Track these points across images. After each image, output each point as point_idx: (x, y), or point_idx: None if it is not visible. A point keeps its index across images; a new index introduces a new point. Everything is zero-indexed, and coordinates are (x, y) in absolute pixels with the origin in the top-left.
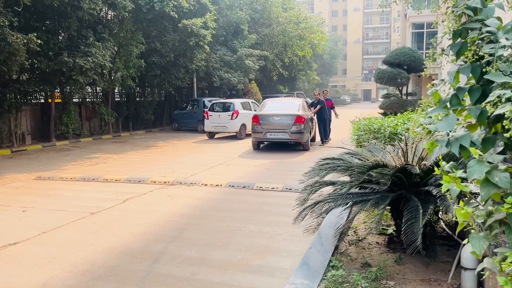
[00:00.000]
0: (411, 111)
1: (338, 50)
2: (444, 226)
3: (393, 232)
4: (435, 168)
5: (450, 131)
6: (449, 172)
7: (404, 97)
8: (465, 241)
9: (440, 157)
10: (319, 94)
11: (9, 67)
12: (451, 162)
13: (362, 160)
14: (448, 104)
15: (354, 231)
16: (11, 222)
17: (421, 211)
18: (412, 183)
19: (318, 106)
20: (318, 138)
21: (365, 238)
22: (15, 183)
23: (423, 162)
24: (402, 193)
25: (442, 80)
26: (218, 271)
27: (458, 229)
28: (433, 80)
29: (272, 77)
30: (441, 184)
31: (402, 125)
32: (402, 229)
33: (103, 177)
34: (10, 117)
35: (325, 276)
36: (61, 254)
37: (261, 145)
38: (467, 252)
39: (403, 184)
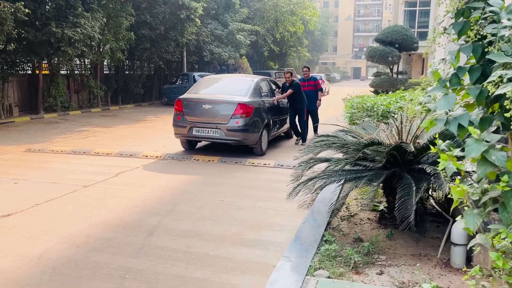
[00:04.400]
0: (403, 90)
1: (329, 26)
2: (434, 204)
3: (384, 209)
4: (431, 147)
5: (448, 111)
6: (445, 151)
7: (394, 75)
8: (458, 218)
9: (437, 136)
10: (291, 75)
11: None
12: (447, 141)
13: (356, 137)
14: (447, 83)
15: (346, 207)
16: (2, 194)
17: (414, 188)
18: (405, 161)
19: (289, 91)
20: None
21: (356, 214)
22: (5, 155)
23: (417, 141)
24: (396, 171)
25: (443, 59)
26: (213, 244)
27: (453, 206)
28: (423, 59)
29: (263, 53)
30: (435, 162)
31: (395, 104)
32: (396, 205)
33: (94, 151)
34: None
35: (319, 250)
36: (56, 226)
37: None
38: (458, 229)
39: (397, 162)
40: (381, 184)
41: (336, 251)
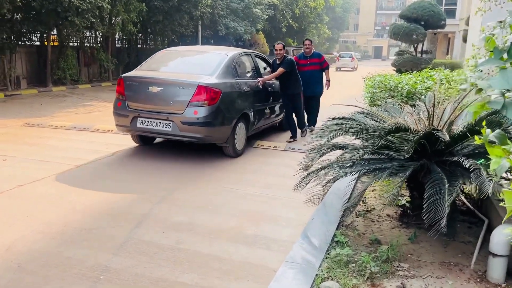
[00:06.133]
0: (430, 69)
1: (351, 3)
2: (465, 199)
3: (407, 204)
4: (475, 137)
5: (507, 90)
6: (494, 143)
7: (418, 55)
8: (506, 231)
9: (484, 123)
10: (283, 48)
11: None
12: (497, 130)
13: (377, 121)
14: (505, 54)
15: (362, 200)
16: None
17: (446, 185)
18: (434, 150)
19: (279, 70)
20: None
21: (374, 208)
22: (1, 129)
23: (452, 127)
24: (424, 163)
25: (501, 22)
26: (207, 240)
27: (507, 216)
28: (449, 38)
29: (281, 29)
30: (473, 154)
31: (422, 84)
32: (424, 206)
33: (95, 127)
34: (3, 59)
35: (329, 254)
36: (35, 211)
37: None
38: (498, 236)
39: (424, 152)
40: None
41: (349, 256)
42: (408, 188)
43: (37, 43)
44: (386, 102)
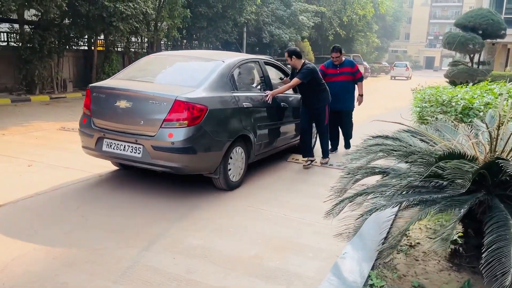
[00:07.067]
0: (490, 82)
1: (402, 12)
2: None
3: (459, 240)
4: None
5: None
6: None
7: (475, 66)
8: None
9: None
10: (290, 56)
11: (46, 9)
12: None
13: (426, 142)
14: None
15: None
16: (10, 178)
17: None
18: (497, 182)
19: (294, 81)
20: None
21: (418, 243)
22: (38, 132)
23: None
24: (484, 198)
25: None
26: (221, 271)
27: None
28: (509, 49)
29: (327, 37)
30: None
31: (481, 99)
32: (484, 255)
33: None
34: (51, 63)
35: None
36: (44, 225)
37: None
38: None
39: (483, 182)
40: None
41: None
42: (461, 223)
43: (84, 47)
44: (436, 118)
